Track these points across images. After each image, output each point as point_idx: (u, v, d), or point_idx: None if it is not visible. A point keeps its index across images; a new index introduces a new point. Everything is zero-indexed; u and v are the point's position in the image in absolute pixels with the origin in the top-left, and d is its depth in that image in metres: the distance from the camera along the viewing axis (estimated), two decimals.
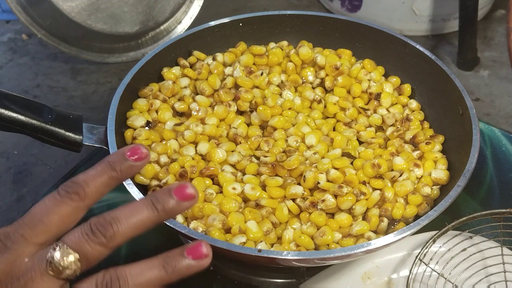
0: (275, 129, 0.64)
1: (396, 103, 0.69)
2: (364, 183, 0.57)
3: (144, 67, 0.66)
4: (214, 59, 0.71)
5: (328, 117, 0.68)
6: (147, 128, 0.62)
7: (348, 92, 0.69)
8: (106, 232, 0.36)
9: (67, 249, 0.36)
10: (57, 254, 0.35)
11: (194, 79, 0.69)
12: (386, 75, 0.72)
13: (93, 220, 0.37)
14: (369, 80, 0.69)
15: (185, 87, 0.69)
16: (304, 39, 0.75)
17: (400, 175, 0.58)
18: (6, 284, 0.35)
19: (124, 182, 0.53)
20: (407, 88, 0.70)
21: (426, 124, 0.67)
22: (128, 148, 0.39)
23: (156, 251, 0.62)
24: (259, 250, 0.47)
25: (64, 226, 0.37)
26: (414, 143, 0.63)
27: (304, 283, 0.58)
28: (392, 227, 0.56)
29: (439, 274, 0.53)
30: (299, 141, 0.62)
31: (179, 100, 0.67)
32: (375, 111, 0.68)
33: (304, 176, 0.56)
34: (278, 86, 0.69)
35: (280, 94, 0.68)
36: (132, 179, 0.54)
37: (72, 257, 0.35)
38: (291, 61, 0.71)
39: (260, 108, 0.64)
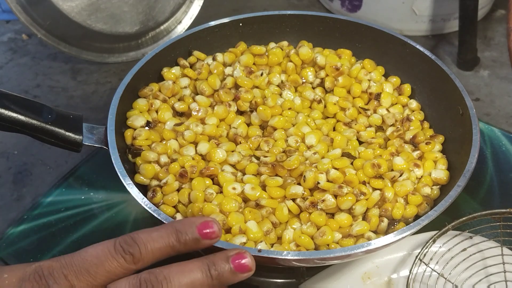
0: (275, 129, 0.64)
1: (396, 103, 0.69)
2: (364, 183, 0.57)
3: (144, 67, 0.66)
4: (214, 59, 0.71)
5: (328, 117, 0.68)
6: (147, 128, 0.62)
7: (348, 92, 0.69)
8: None
9: None
10: None
11: (194, 79, 0.69)
12: (386, 75, 0.72)
13: (144, 276, 0.35)
14: (369, 80, 0.69)
15: (185, 87, 0.69)
16: (304, 39, 0.75)
17: (400, 175, 0.58)
18: None
19: (124, 182, 0.53)
20: (407, 88, 0.70)
21: (426, 124, 0.67)
22: (201, 221, 0.37)
23: None
24: (259, 250, 0.47)
25: (108, 281, 0.36)
26: (414, 143, 0.63)
27: (304, 283, 0.58)
28: (392, 227, 0.56)
29: (439, 274, 0.53)
30: (299, 141, 0.62)
31: (179, 100, 0.67)
32: (375, 111, 0.68)
33: (304, 176, 0.56)
34: (278, 86, 0.69)
35: (280, 94, 0.68)
36: (132, 179, 0.54)
37: None
38: (291, 61, 0.71)
39: (260, 108, 0.64)
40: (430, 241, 0.54)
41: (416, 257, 0.54)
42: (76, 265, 0.35)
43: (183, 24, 0.97)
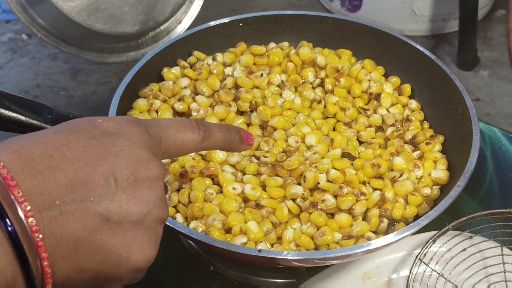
0: (275, 129, 0.64)
1: (396, 103, 0.69)
2: (364, 183, 0.57)
3: (144, 67, 0.66)
4: (214, 59, 0.71)
5: (328, 117, 0.68)
6: None
7: (348, 92, 0.69)
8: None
9: None
10: None
11: (194, 79, 0.69)
12: (386, 75, 0.72)
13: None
14: (369, 80, 0.69)
15: (185, 87, 0.69)
16: (304, 39, 0.75)
17: (400, 175, 0.58)
18: None
19: None
20: (407, 88, 0.70)
21: (426, 124, 0.67)
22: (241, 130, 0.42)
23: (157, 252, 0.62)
24: (259, 250, 0.47)
25: (176, 155, 0.38)
26: (414, 143, 0.63)
27: (304, 283, 0.58)
28: (392, 227, 0.56)
29: (439, 274, 0.53)
30: (299, 141, 0.62)
31: (179, 100, 0.67)
32: (375, 111, 0.67)
33: (304, 176, 0.56)
34: (278, 86, 0.69)
35: (280, 94, 0.68)
36: None
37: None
38: (291, 61, 0.71)
39: (260, 108, 0.64)
40: (430, 241, 0.54)
41: (416, 257, 0.53)
42: (162, 125, 0.36)
43: (183, 24, 0.97)
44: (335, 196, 0.55)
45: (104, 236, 0.29)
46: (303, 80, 0.70)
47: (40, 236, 0.27)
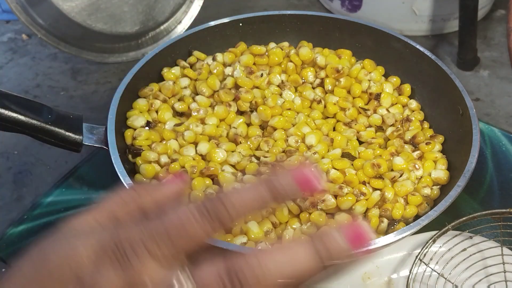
0: (275, 129, 0.64)
1: (396, 103, 0.69)
2: (364, 183, 0.57)
3: (144, 67, 0.66)
4: (214, 59, 0.71)
5: (328, 117, 0.68)
6: (147, 128, 0.62)
7: (348, 92, 0.69)
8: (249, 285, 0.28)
9: None
10: None
11: (194, 79, 0.69)
12: (386, 75, 0.72)
13: (236, 264, 0.29)
14: (369, 80, 0.69)
15: (185, 87, 0.69)
16: (304, 39, 0.75)
17: (400, 175, 0.58)
18: None
19: (124, 182, 0.53)
20: (407, 88, 0.70)
21: (426, 124, 0.67)
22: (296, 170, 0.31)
23: None
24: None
25: (188, 247, 0.30)
26: (414, 143, 0.63)
27: (304, 283, 0.57)
28: (392, 227, 0.56)
29: (439, 274, 0.53)
30: (299, 141, 0.62)
31: (179, 100, 0.67)
32: (375, 111, 0.67)
33: None
34: (278, 86, 0.69)
35: (280, 94, 0.68)
36: (132, 179, 0.54)
37: None
38: (291, 61, 0.71)
39: (261, 108, 0.64)
40: (430, 241, 0.54)
41: (416, 257, 0.53)
42: (157, 233, 0.29)
43: (183, 24, 0.97)
44: (335, 196, 0.55)
45: None
46: (303, 80, 0.70)
47: None
